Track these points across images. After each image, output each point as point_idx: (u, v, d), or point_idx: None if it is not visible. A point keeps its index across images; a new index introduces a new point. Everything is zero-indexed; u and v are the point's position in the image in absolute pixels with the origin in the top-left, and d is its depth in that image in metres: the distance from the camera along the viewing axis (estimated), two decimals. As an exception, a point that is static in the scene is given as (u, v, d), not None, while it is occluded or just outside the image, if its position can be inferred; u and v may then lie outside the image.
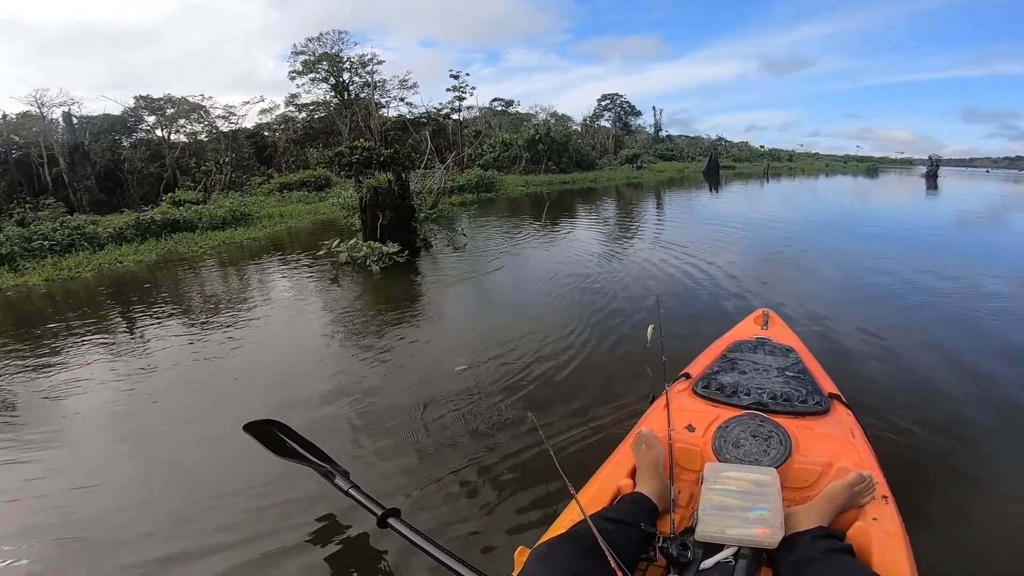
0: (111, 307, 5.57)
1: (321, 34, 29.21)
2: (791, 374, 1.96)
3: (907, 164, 70.66)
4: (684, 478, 1.55)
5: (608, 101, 44.32)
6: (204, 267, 7.69)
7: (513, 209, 13.72)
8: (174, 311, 5.23)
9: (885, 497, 1.39)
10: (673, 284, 5.45)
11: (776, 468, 1.45)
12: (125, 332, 4.67)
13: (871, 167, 53.48)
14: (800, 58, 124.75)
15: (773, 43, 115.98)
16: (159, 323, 4.86)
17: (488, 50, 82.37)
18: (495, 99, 38.55)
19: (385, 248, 6.54)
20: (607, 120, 42.84)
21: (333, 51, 28.98)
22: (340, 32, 29.39)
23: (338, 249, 6.60)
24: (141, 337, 4.51)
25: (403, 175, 7.56)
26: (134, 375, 3.66)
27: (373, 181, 7.34)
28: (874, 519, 1.31)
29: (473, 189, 16.69)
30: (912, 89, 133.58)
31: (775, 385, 1.88)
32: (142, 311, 5.31)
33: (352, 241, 6.71)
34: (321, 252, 7.03)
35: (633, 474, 1.56)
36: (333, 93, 29.56)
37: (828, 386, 1.98)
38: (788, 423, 1.64)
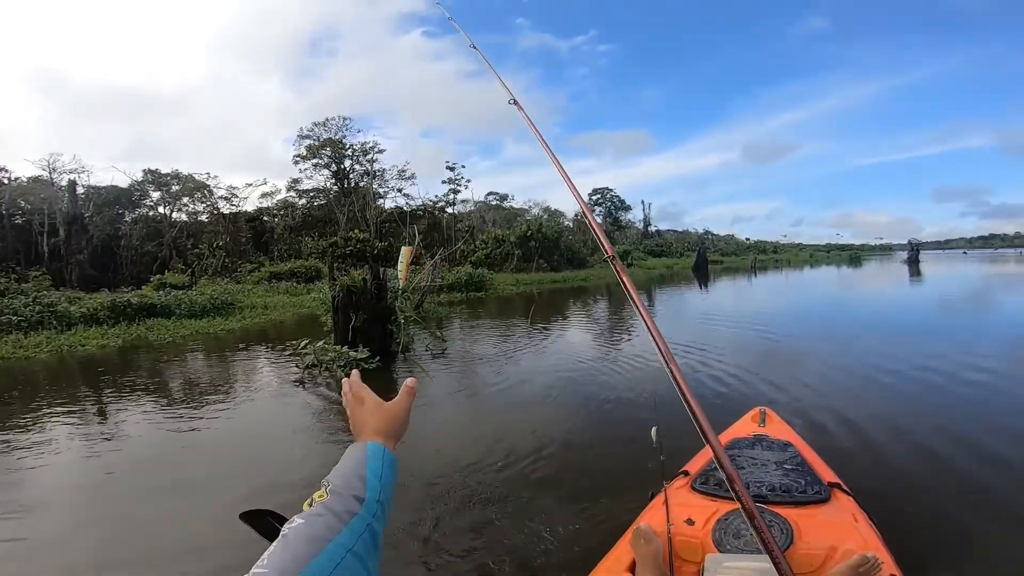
0: (46, 396, 5.30)
1: (327, 119, 30.92)
2: (790, 467, 1.96)
3: (887, 250, 73.14)
4: (685, 571, 1.54)
5: (599, 196, 46.62)
6: (168, 357, 7.39)
7: (503, 311, 13.48)
8: (114, 404, 5.00)
9: None
10: (669, 384, 5.18)
11: None
12: (40, 427, 4.45)
13: (854, 255, 55.18)
14: (780, 145, 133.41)
15: (755, 131, 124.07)
16: (85, 418, 4.68)
17: (485, 143, 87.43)
18: (490, 193, 40.48)
19: (353, 353, 6.22)
20: (598, 215, 44.69)
21: (337, 136, 30.42)
22: (345, 118, 31.12)
23: (304, 351, 6.31)
24: (46, 433, 4.31)
25: (381, 273, 7.35)
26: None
27: (347, 279, 7.12)
28: None
29: (463, 288, 16.65)
30: (887, 170, 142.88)
31: (774, 478, 1.88)
32: (72, 402, 5.08)
33: (320, 343, 6.41)
34: (287, 352, 6.74)
35: (632, 568, 1.55)
36: (334, 180, 30.70)
37: (828, 476, 1.98)
38: (789, 512, 1.65)
